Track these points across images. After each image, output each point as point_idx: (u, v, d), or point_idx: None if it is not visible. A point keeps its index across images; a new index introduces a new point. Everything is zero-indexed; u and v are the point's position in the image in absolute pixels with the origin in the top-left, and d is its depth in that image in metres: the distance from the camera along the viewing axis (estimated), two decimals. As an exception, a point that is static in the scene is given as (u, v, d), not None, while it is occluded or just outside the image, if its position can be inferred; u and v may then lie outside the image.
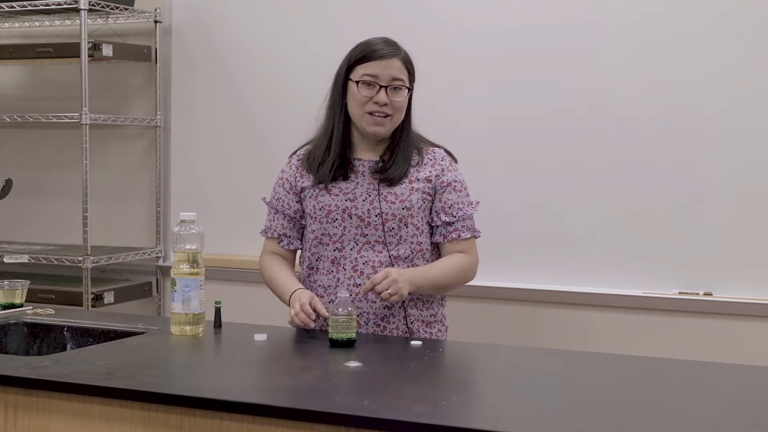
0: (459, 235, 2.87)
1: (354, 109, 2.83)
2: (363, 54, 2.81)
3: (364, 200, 2.82)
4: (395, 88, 2.79)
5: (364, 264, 2.81)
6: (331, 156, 2.84)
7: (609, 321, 3.60)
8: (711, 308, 3.47)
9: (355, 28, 3.88)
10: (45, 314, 2.99)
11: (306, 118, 3.67)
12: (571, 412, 2.07)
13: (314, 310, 2.70)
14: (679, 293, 3.52)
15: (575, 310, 3.64)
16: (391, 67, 2.79)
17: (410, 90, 2.84)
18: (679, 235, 3.53)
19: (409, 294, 2.76)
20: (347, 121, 2.87)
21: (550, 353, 2.77)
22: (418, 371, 2.40)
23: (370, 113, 2.79)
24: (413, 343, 2.64)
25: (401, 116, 2.83)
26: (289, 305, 2.81)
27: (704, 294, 3.50)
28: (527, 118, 3.69)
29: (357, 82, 2.80)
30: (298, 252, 2.99)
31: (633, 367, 2.52)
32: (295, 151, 2.99)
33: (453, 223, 2.87)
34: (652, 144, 3.55)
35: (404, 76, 2.81)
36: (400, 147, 2.85)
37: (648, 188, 3.56)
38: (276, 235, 2.95)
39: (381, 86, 2.78)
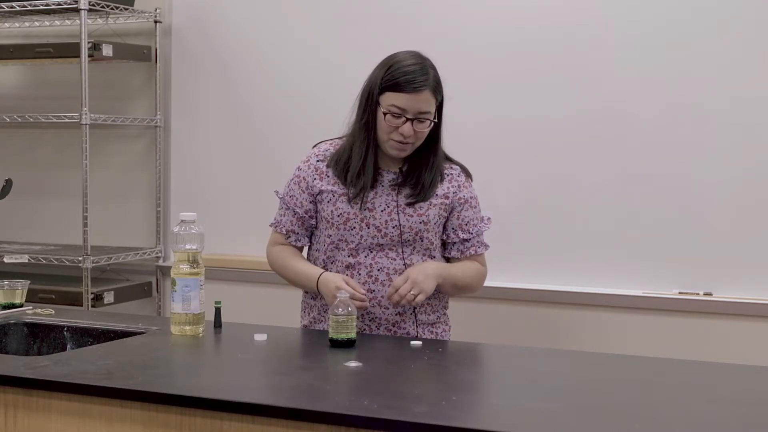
0: (476, 251, 2.92)
1: (380, 133, 2.81)
2: (395, 81, 2.76)
3: (382, 211, 2.83)
4: (421, 120, 2.77)
5: (378, 270, 2.82)
6: (366, 175, 2.81)
7: (609, 321, 3.59)
8: (711, 308, 3.47)
9: (355, 28, 3.90)
10: (45, 314, 2.99)
11: (306, 118, 3.68)
12: (571, 412, 2.07)
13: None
14: (679, 293, 3.52)
15: (575, 310, 3.64)
16: (420, 101, 2.75)
17: (438, 112, 2.81)
18: (679, 235, 3.53)
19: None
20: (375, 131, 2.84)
21: (551, 353, 2.77)
22: (418, 371, 2.40)
23: (394, 139, 2.79)
24: (413, 343, 2.64)
25: (421, 141, 2.81)
26: (317, 290, 2.81)
27: (704, 294, 3.50)
28: (527, 118, 3.69)
29: (384, 113, 2.77)
30: (304, 248, 2.99)
31: (633, 367, 2.52)
32: (317, 144, 2.95)
33: (470, 239, 2.91)
34: (652, 144, 3.55)
35: (431, 107, 2.78)
36: (429, 169, 2.84)
37: (648, 188, 3.56)
38: (284, 231, 2.95)
39: (407, 119, 2.76)
